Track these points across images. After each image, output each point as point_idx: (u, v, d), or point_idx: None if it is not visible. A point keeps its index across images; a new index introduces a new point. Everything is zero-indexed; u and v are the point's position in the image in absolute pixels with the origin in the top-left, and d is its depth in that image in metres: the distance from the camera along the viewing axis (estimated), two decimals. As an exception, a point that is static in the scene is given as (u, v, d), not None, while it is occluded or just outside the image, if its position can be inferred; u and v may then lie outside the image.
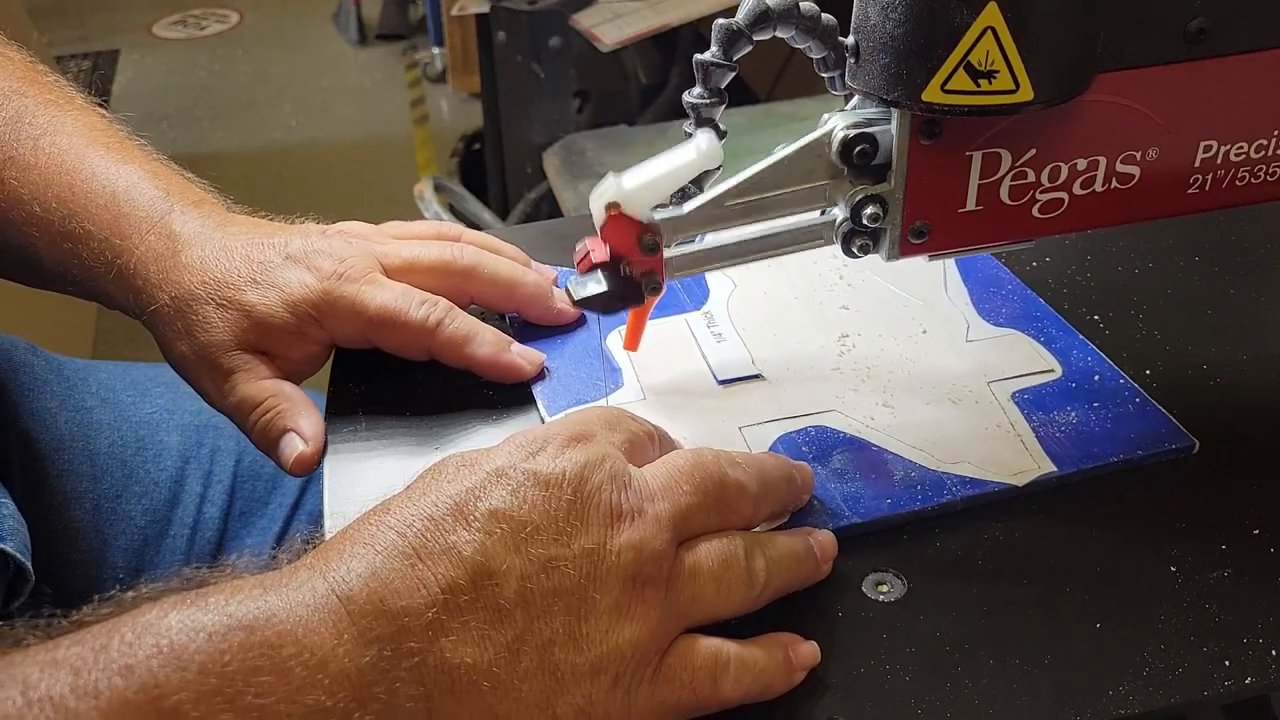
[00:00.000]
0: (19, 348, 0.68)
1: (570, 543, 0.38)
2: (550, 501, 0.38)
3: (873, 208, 0.46)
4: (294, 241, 0.54)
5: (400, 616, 0.35)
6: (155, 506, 0.68)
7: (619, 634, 0.38)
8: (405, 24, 3.30)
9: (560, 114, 1.62)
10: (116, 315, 0.57)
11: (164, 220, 0.55)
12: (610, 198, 0.45)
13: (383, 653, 0.34)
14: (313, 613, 0.34)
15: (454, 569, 0.36)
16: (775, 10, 0.45)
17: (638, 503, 0.40)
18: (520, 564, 0.37)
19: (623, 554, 0.38)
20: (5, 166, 0.56)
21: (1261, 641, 0.43)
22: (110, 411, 0.69)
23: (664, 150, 0.45)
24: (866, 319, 0.59)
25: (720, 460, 0.43)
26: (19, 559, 0.51)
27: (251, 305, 0.52)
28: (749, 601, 0.42)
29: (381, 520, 0.38)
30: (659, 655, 0.39)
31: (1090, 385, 0.54)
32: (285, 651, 0.33)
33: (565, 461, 0.40)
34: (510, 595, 0.37)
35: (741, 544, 0.42)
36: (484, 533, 0.37)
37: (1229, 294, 0.62)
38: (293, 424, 0.52)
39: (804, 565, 0.44)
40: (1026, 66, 0.40)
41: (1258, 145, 0.47)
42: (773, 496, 0.45)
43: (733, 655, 0.40)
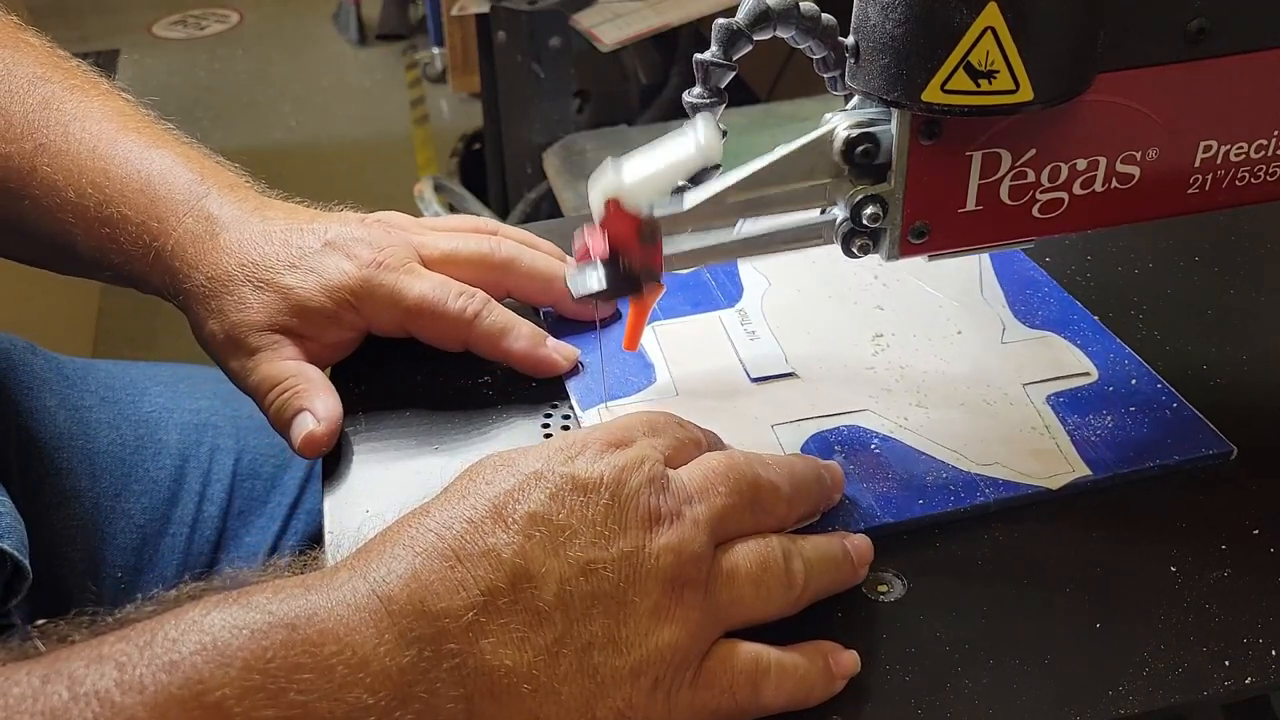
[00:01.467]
0: (18, 347, 0.68)
1: (609, 546, 0.38)
2: (588, 505, 0.39)
3: (873, 208, 0.46)
4: (333, 228, 0.55)
5: (440, 618, 0.35)
6: (154, 505, 0.68)
7: (658, 636, 0.38)
8: (405, 24, 3.30)
9: (560, 114, 1.62)
10: (116, 315, 0.57)
11: (201, 203, 0.55)
12: (609, 192, 0.44)
13: (423, 653, 0.35)
14: (354, 612, 0.35)
15: (493, 571, 0.36)
16: (775, 10, 0.45)
17: (675, 505, 0.40)
18: (559, 567, 0.37)
19: (661, 556, 0.38)
20: (37, 153, 0.56)
21: (1261, 641, 0.43)
22: (109, 410, 0.69)
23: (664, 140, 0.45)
24: (901, 319, 0.59)
25: (753, 461, 0.43)
26: (16, 557, 0.51)
27: (290, 288, 0.53)
28: (788, 604, 0.42)
29: (421, 522, 0.38)
30: (699, 658, 0.39)
31: (1127, 389, 0.53)
32: (327, 649, 0.33)
33: (603, 465, 0.40)
34: (549, 598, 0.37)
35: (779, 546, 0.42)
36: (523, 535, 0.37)
37: (1229, 294, 0.62)
38: (308, 404, 0.52)
39: (842, 569, 0.44)
40: (1026, 66, 0.40)
41: (1258, 145, 0.47)
42: (804, 496, 0.45)
43: (773, 660, 0.40)
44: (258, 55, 3.32)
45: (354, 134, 2.86)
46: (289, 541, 0.71)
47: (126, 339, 2.04)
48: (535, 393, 0.55)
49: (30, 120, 0.57)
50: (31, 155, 0.56)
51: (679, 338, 0.57)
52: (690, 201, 0.46)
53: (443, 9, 2.61)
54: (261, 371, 0.53)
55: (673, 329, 0.59)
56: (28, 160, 0.56)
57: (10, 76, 0.58)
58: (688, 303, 0.60)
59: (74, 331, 1.95)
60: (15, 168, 0.56)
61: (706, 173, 0.47)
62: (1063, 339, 0.57)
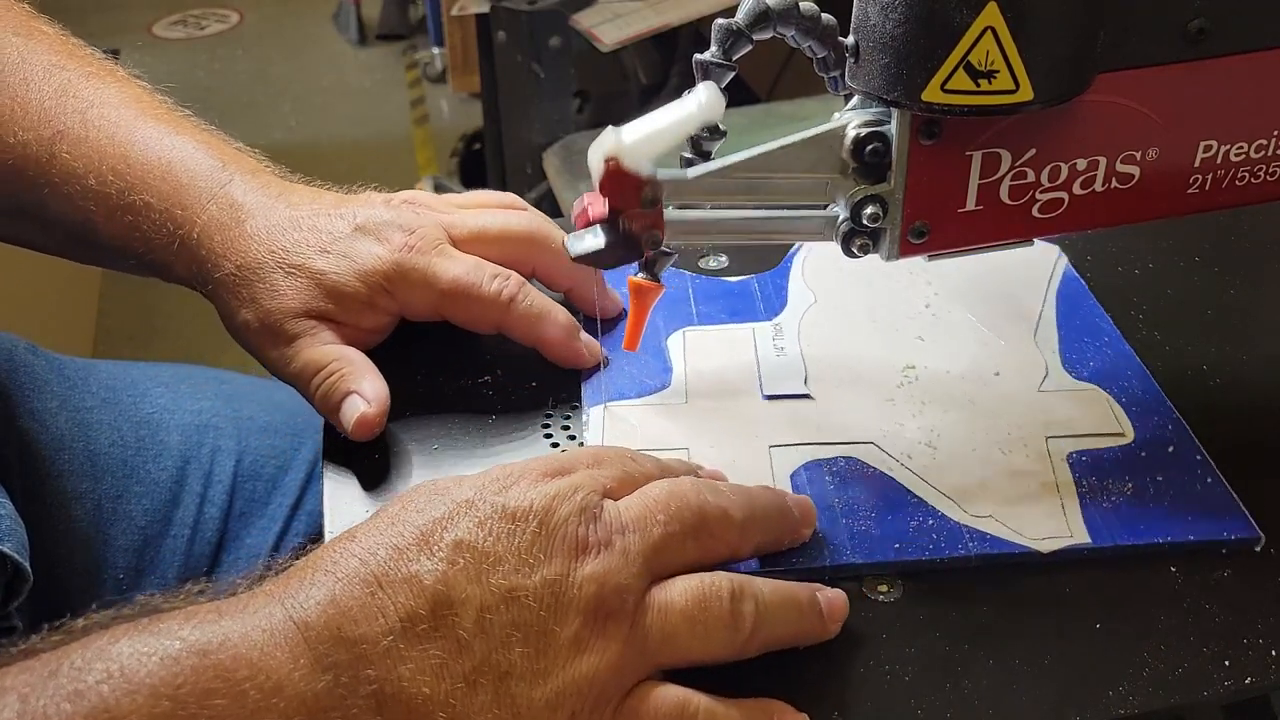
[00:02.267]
0: (19, 347, 0.68)
1: (532, 574, 0.37)
2: (515, 534, 0.38)
3: (872, 207, 0.46)
4: (361, 212, 0.55)
5: (358, 644, 0.35)
6: (155, 506, 0.68)
7: (576, 667, 0.37)
8: (405, 24, 3.30)
9: (560, 114, 1.62)
10: (116, 315, 0.58)
11: (224, 190, 0.55)
12: (609, 151, 0.43)
13: (339, 679, 0.34)
14: (268, 637, 0.34)
15: (414, 598, 0.36)
16: (775, 10, 0.45)
17: (606, 535, 0.39)
18: (480, 594, 0.37)
19: (584, 586, 0.38)
20: (56, 141, 0.55)
21: (1261, 641, 0.43)
22: (110, 411, 0.69)
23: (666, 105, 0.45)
24: (939, 353, 0.56)
25: (700, 489, 0.42)
26: (17, 560, 0.51)
27: (323, 272, 0.53)
28: (733, 647, 0.40)
29: (345, 547, 0.37)
30: (620, 695, 0.38)
31: (1160, 457, 0.50)
32: (239, 674, 0.33)
33: (535, 494, 0.39)
34: (469, 625, 0.36)
35: (727, 584, 0.40)
36: (447, 562, 0.37)
37: (1229, 294, 0.62)
38: (355, 386, 0.51)
39: (805, 619, 0.42)
40: (1026, 66, 0.40)
41: (1258, 145, 0.47)
42: (761, 525, 0.43)
43: (702, 708, 0.38)
44: (258, 55, 3.32)
45: (354, 134, 2.86)
46: (290, 542, 0.71)
47: (126, 339, 2.04)
48: (535, 392, 0.55)
49: (47, 107, 0.56)
50: (50, 142, 0.55)
51: (706, 345, 0.56)
52: (695, 171, 0.45)
53: (443, 9, 2.61)
54: (303, 358, 0.52)
55: (703, 336, 0.58)
56: (46, 147, 0.55)
57: (25, 64, 0.58)
58: (725, 311, 0.59)
59: (74, 332, 1.95)
60: (33, 155, 0.56)
61: (709, 141, 0.47)
62: (1106, 394, 0.53)
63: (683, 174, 0.45)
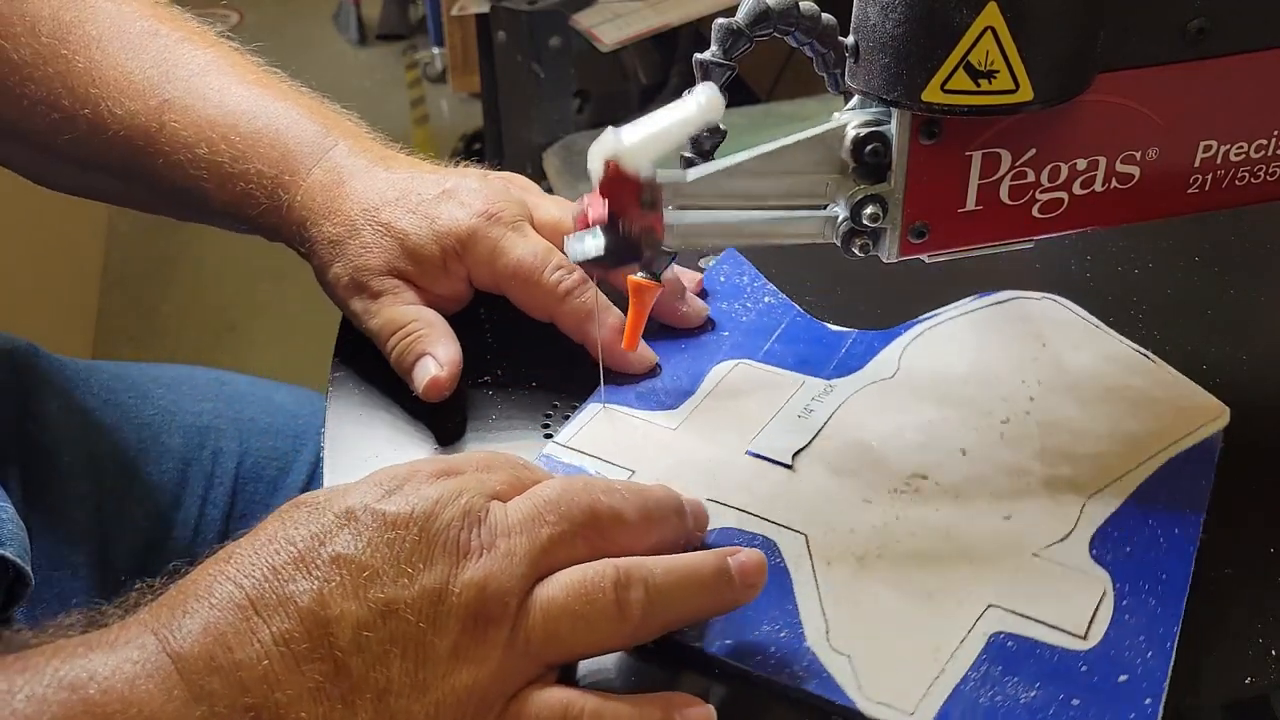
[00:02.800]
0: (20, 349, 0.68)
1: (411, 584, 0.37)
2: (394, 543, 0.37)
3: (872, 207, 0.46)
4: (452, 179, 0.56)
5: (234, 670, 0.34)
6: (157, 508, 0.68)
7: (456, 678, 0.36)
8: (405, 24, 3.30)
9: (560, 114, 1.62)
10: (116, 315, 0.58)
11: (329, 155, 0.56)
12: (609, 153, 0.43)
13: (215, 709, 0.34)
14: (140, 669, 0.34)
15: (289, 620, 0.35)
16: (775, 10, 0.45)
17: (489, 538, 0.38)
18: (357, 610, 0.36)
19: (464, 592, 0.37)
20: (164, 110, 0.57)
21: (1261, 641, 0.43)
22: (112, 413, 0.69)
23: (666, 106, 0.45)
24: (966, 476, 0.49)
25: (592, 487, 0.41)
26: (19, 564, 0.51)
27: (405, 233, 0.54)
28: (622, 636, 0.39)
29: (220, 570, 0.37)
30: (503, 701, 0.37)
31: (1105, 681, 0.41)
32: (110, 710, 0.33)
33: (417, 499, 0.38)
34: (345, 644, 0.36)
35: (611, 572, 0.39)
36: (323, 580, 0.36)
37: (1229, 294, 0.62)
38: (429, 349, 0.53)
39: (711, 591, 0.40)
40: (1026, 66, 0.40)
41: (1258, 145, 0.47)
42: (657, 525, 0.42)
43: (588, 709, 0.37)
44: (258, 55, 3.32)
45: (354, 134, 2.85)
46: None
47: (127, 339, 2.05)
48: (536, 392, 0.55)
49: (151, 76, 0.57)
50: (158, 111, 0.57)
51: (747, 382, 0.55)
52: (694, 174, 0.45)
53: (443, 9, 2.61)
54: (385, 315, 0.54)
55: (751, 372, 0.55)
56: (155, 117, 0.57)
57: (123, 33, 0.59)
58: (796, 356, 0.56)
59: (74, 333, 1.95)
60: (142, 125, 0.57)
61: (710, 140, 0.47)
62: (1109, 586, 0.44)
63: (682, 176, 0.45)
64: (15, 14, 0.58)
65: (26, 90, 0.57)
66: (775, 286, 0.61)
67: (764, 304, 0.60)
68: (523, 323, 0.57)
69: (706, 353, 0.57)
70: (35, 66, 0.57)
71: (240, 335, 2.10)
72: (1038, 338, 0.56)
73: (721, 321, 0.59)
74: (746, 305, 0.60)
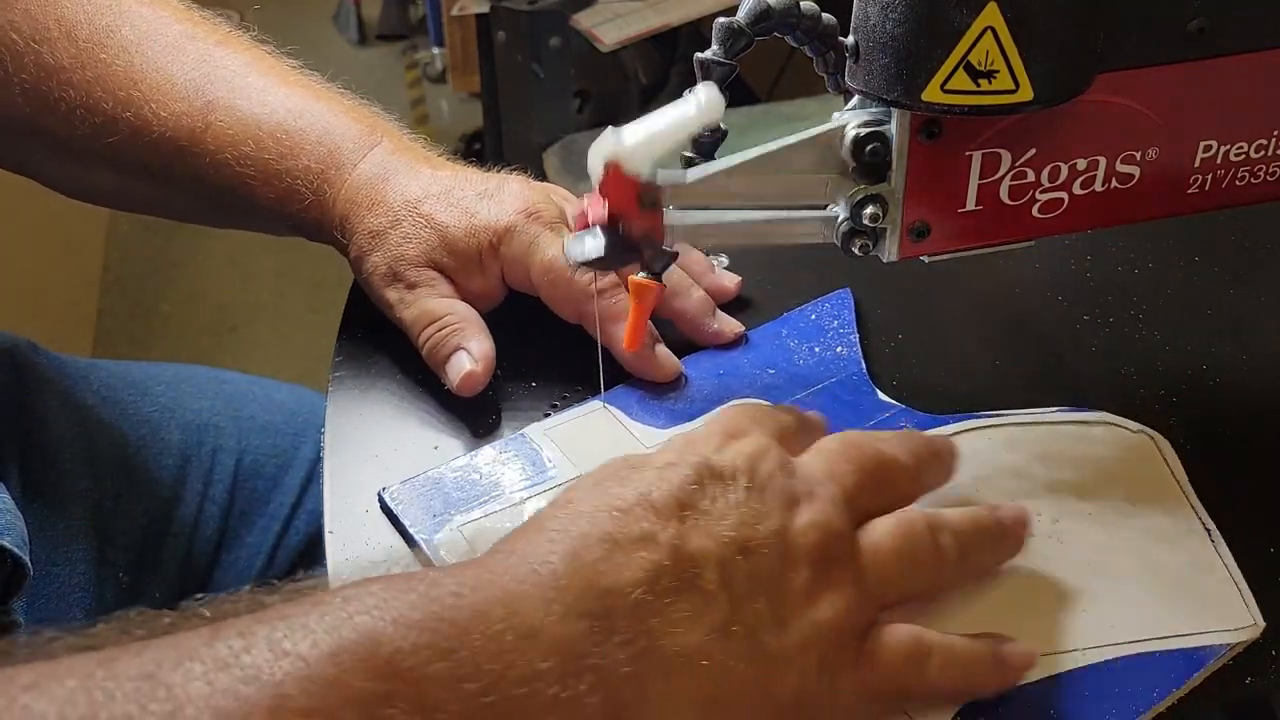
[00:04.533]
0: (21, 346, 0.68)
1: (756, 526, 0.38)
2: (729, 491, 0.38)
3: (872, 207, 0.46)
4: (494, 181, 0.57)
5: (607, 595, 0.35)
6: (156, 505, 0.68)
7: (815, 613, 0.37)
8: (405, 24, 3.30)
9: (560, 114, 1.62)
10: (116, 315, 0.58)
11: (374, 151, 0.57)
12: (609, 154, 0.43)
13: (594, 625, 0.34)
14: (519, 584, 0.34)
15: (654, 553, 0.36)
16: (775, 9, 0.45)
17: (808, 487, 0.40)
18: (717, 548, 0.37)
19: (808, 533, 0.38)
20: (209, 110, 0.57)
21: (1262, 641, 0.43)
22: (111, 410, 0.69)
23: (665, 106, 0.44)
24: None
25: (870, 438, 0.43)
26: (16, 553, 0.51)
27: (444, 225, 0.54)
28: (945, 577, 0.42)
29: (568, 511, 0.37)
30: (858, 638, 0.38)
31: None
32: (494, 614, 0.33)
33: (731, 454, 0.40)
34: (712, 579, 0.36)
35: (923, 520, 0.41)
36: (676, 520, 0.37)
37: (1229, 294, 0.62)
38: (464, 343, 0.53)
39: (998, 539, 0.43)
40: (1026, 66, 0.40)
41: (1258, 145, 0.47)
42: (928, 468, 0.44)
43: (935, 643, 0.39)
44: (258, 55, 3.32)
45: (354, 134, 2.85)
46: (291, 542, 0.71)
47: (127, 339, 2.04)
48: (537, 392, 0.55)
49: (193, 78, 0.58)
50: (204, 112, 0.57)
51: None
52: (694, 174, 0.45)
53: (443, 9, 2.61)
54: (420, 305, 0.54)
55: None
56: (200, 118, 0.57)
57: (160, 36, 0.59)
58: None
59: (74, 332, 1.95)
60: (187, 127, 0.57)
61: (710, 139, 0.47)
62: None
63: (682, 176, 0.45)
64: (50, 18, 0.57)
65: (65, 95, 0.57)
66: (858, 337, 0.58)
67: (832, 354, 0.57)
68: (525, 322, 0.57)
69: (737, 385, 0.55)
70: (73, 71, 0.57)
71: (240, 335, 2.10)
72: (1095, 471, 0.49)
73: (777, 359, 0.57)
74: (814, 349, 0.57)
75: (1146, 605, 0.43)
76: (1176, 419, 0.53)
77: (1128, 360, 0.56)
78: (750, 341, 0.58)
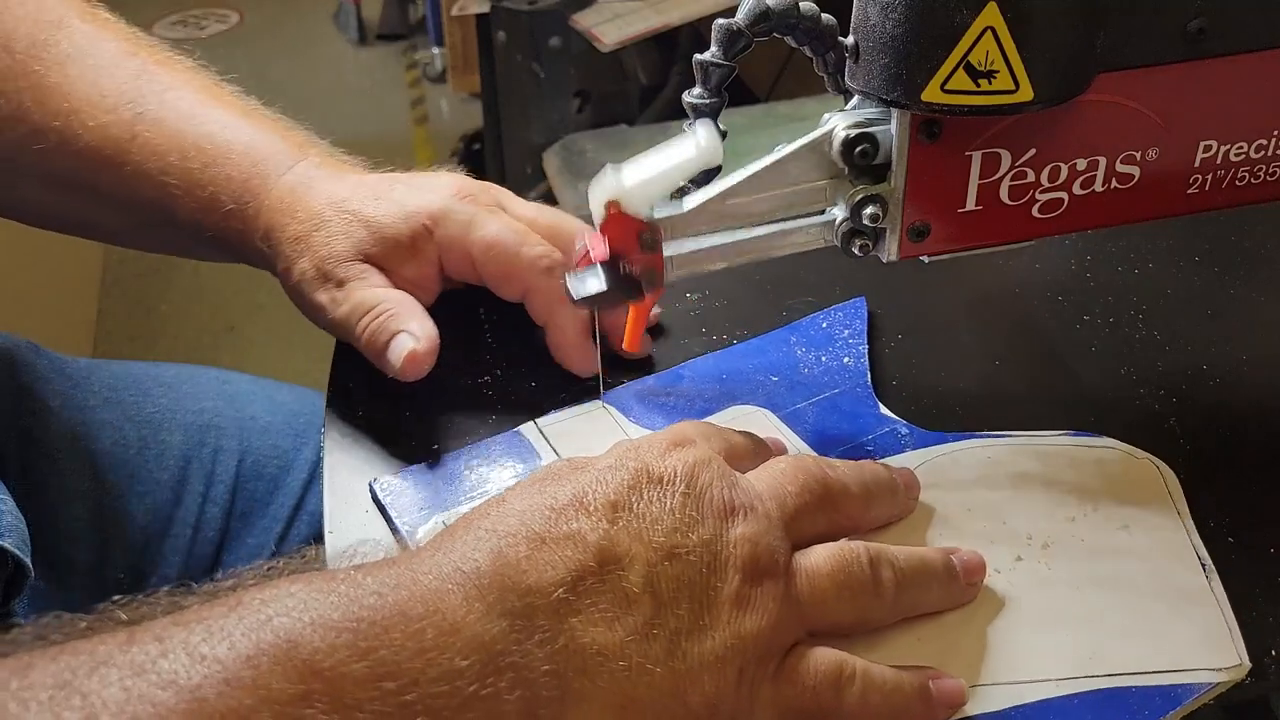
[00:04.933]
0: (21, 347, 0.68)
1: (689, 533, 0.38)
2: (665, 496, 0.39)
3: (872, 207, 0.46)
4: (424, 174, 0.57)
5: (528, 594, 0.35)
6: (157, 506, 0.68)
7: (740, 624, 0.37)
8: (405, 24, 3.30)
9: (560, 114, 1.62)
10: (116, 315, 0.58)
11: (300, 163, 0.56)
12: (610, 195, 0.44)
13: (514, 624, 0.34)
14: (441, 582, 0.35)
15: (580, 553, 0.36)
16: (775, 10, 0.45)
17: (748, 500, 0.40)
18: (644, 551, 0.37)
19: (739, 545, 0.38)
20: (137, 121, 0.57)
21: (1262, 641, 0.43)
22: (112, 411, 0.69)
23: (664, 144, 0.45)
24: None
25: (820, 463, 0.44)
26: (18, 555, 0.51)
27: (371, 216, 0.54)
28: (878, 612, 0.41)
29: (500, 509, 0.38)
30: (781, 653, 0.38)
31: None
32: (415, 612, 0.33)
33: (674, 461, 0.40)
34: (637, 581, 0.37)
35: (864, 550, 0.41)
36: (607, 521, 0.37)
37: (1229, 294, 0.62)
38: (403, 325, 0.52)
39: (944, 583, 0.42)
40: (1026, 66, 0.40)
41: (1258, 145, 0.48)
42: (878, 499, 0.45)
43: (860, 669, 0.39)
44: (258, 55, 3.32)
45: (354, 134, 2.85)
46: (293, 543, 0.71)
47: (127, 339, 2.05)
48: (535, 392, 0.55)
49: (125, 90, 0.57)
50: (131, 123, 0.57)
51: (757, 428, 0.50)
52: (690, 204, 0.46)
53: (443, 9, 2.61)
54: (353, 299, 0.53)
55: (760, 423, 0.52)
56: (127, 128, 0.57)
57: (98, 51, 0.59)
58: (814, 425, 0.52)
59: (74, 332, 1.95)
60: (114, 136, 0.57)
61: (707, 174, 0.47)
62: None
63: (679, 208, 0.46)
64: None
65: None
66: (867, 348, 0.57)
67: (838, 363, 0.56)
68: (522, 323, 0.57)
69: (738, 389, 0.55)
70: (6, 81, 0.57)
71: (240, 335, 2.10)
72: (1093, 497, 0.48)
73: (782, 365, 0.56)
74: (820, 358, 0.57)
75: (1130, 637, 0.42)
76: (1176, 419, 0.53)
77: (1128, 360, 0.56)
78: (758, 346, 0.58)
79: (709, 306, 0.62)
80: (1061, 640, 0.42)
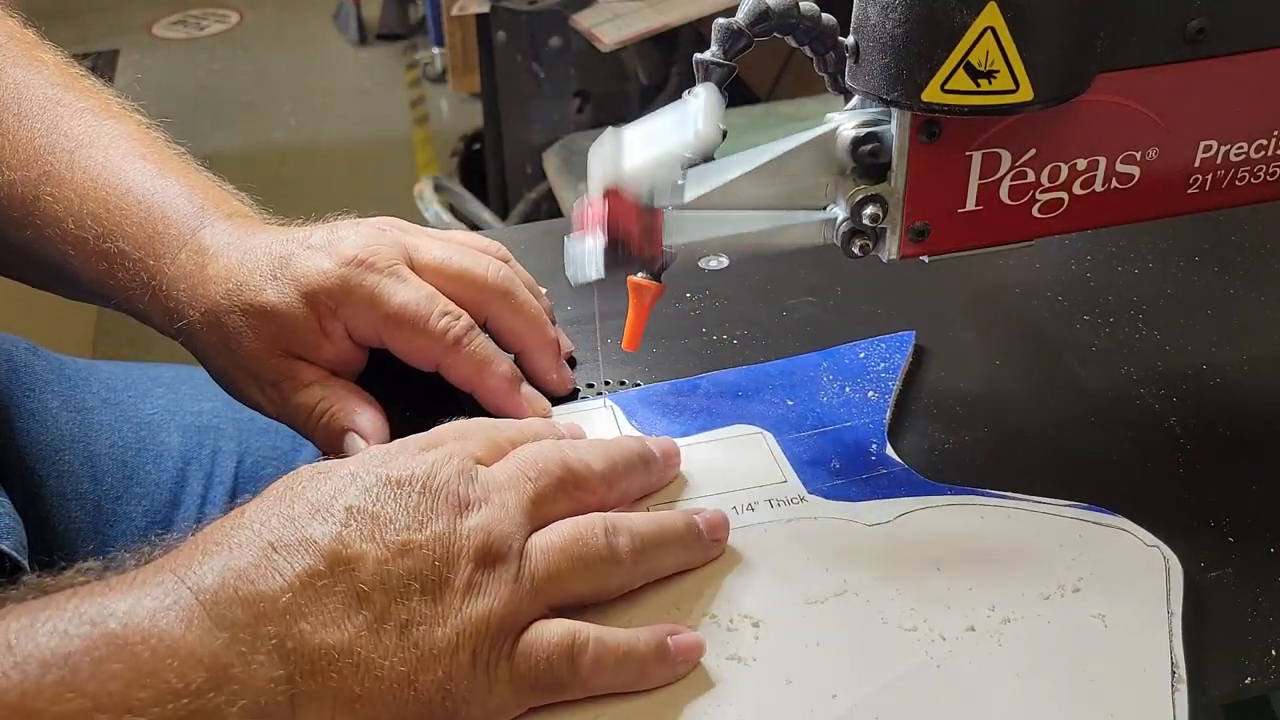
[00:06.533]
0: (20, 348, 0.68)
1: (423, 529, 0.40)
2: (401, 497, 0.40)
3: (873, 207, 0.46)
4: (318, 232, 0.53)
5: (256, 602, 0.36)
6: (156, 508, 0.68)
7: (471, 609, 0.39)
8: (405, 24, 3.30)
9: (560, 114, 1.62)
10: (116, 316, 0.57)
11: (196, 236, 0.53)
12: (609, 180, 0.44)
13: (238, 635, 0.35)
14: (159, 604, 0.35)
15: (310, 557, 0.38)
16: (775, 10, 0.45)
17: (484, 493, 0.42)
18: (376, 550, 0.39)
19: (472, 536, 0.40)
20: (41, 182, 0.55)
21: (1262, 641, 0.43)
22: (111, 412, 0.69)
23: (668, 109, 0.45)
24: (792, 645, 0.42)
25: (561, 447, 0.45)
26: (15, 557, 0.51)
27: (271, 305, 0.50)
28: (617, 579, 0.43)
29: (235, 521, 0.39)
30: (515, 633, 0.40)
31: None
32: (130, 638, 0.34)
33: (414, 463, 0.42)
34: (368, 578, 0.38)
35: (600, 522, 0.43)
36: (340, 524, 0.39)
37: (1229, 294, 0.62)
38: (349, 423, 0.51)
39: (686, 543, 0.45)
40: (1026, 66, 0.40)
41: (1258, 145, 0.47)
42: (623, 473, 0.46)
43: (592, 636, 0.40)
44: (258, 55, 3.32)
45: (354, 134, 2.86)
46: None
47: (126, 339, 2.04)
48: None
49: (37, 145, 0.56)
50: (36, 184, 0.55)
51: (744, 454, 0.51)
52: (691, 194, 0.45)
53: (443, 9, 2.61)
54: (291, 403, 0.51)
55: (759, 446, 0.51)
56: (32, 189, 0.55)
57: (21, 100, 0.57)
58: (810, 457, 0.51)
59: (74, 333, 1.95)
60: (19, 196, 0.55)
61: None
62: None
63: (680, 195, 0.45)
64: None
65: None
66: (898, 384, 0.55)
67: (861, 396, 0.54)
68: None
69: (747, 409, 0.54)
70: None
71: (240, 335, 2.10)
72: (1078, 579, 0.44)
73: (802, 391, 0.55)
74: (845, 390, 0.55)
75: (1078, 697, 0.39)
76: (1176, 419, 0.53)
77: (1128, 360, 0.56)
78: (786, 368, 0.56)
79: (709, 306, 0.62)
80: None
